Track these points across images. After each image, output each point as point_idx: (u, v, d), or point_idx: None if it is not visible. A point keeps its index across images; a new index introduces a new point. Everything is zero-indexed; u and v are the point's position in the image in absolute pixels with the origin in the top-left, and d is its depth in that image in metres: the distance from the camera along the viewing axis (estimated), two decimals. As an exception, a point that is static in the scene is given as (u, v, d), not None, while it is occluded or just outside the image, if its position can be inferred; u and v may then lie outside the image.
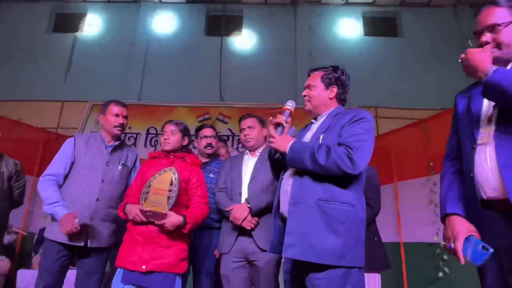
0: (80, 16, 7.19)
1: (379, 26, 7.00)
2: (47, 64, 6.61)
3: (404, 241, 4.21)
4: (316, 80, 1.90)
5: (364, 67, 6.27)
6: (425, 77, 6.28)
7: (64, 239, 2.24)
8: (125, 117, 2.56)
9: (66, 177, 2.39)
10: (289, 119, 1.83)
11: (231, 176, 2.55)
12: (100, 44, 6.83)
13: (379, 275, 2.73)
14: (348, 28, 6.91)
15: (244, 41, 6.88)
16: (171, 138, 2.42)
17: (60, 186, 2.36)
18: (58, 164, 2.39)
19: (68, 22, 7.13)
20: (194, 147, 5.43)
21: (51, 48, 6.78)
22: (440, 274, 3.83)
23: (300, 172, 1.70)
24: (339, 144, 1.65)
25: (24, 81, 6.46)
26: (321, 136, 1.74)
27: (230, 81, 6.44)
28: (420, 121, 4.44)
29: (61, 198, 2.29)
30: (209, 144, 2.90)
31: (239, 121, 2.62)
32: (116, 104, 2.55)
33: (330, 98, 1.88)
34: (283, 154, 1.76)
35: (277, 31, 6.86)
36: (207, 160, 2.94)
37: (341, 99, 1.92)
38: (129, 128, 5.72)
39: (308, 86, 1.91)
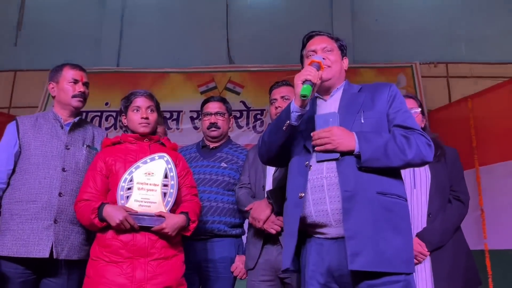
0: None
1: None
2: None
3: (490, 248, 4.19)
4: (332, 44, 2.08)
5: (429, 7, 6.11)
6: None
7: (23, 252, 2.26)
8: (86, 84, 2.61)
9: (12, 174, 2.45)
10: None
11: (255, 167, 2.65)
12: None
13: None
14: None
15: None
16: (151, 117, 2.47)
17: (4, 190, 2.42)
18: None
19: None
20: (196, 128, 5.54)
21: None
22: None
23: (344, 157, 1.81)
24: (406, 128, 1.86)
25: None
26: (362, 116, 1.88)
27: (241, 36, 6.43)
28: (510, 80, 4.37)
29: None
30: (213, 124, 2.94)
31: (270, 90, 2.76)
32: (73, 67, 2.59)
33: (345, 70, 2.10)
34: (346, 153, 1.81)
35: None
36: (217, 144, 2.99)
37: None
38: (106, 104, 5.80)
39: (325, 49, 2.04)
